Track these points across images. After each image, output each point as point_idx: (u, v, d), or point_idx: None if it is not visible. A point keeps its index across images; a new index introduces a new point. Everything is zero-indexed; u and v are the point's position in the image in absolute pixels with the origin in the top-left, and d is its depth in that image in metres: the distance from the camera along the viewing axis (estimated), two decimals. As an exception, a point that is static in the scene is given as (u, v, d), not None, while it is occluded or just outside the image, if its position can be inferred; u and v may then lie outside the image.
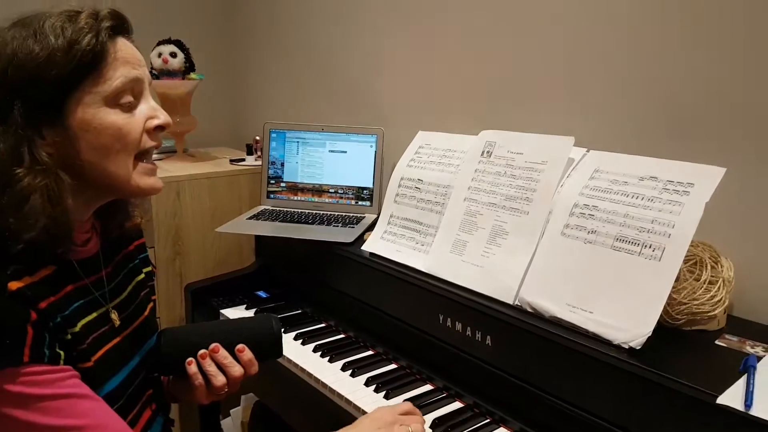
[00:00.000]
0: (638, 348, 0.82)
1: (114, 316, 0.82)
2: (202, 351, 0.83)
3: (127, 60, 0.72)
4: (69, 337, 0.70)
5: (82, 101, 0.69)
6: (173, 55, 1.78)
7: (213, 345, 0.83)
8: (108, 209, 0.84)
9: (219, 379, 0.82)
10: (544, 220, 1.01)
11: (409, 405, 0.90)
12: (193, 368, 0.82)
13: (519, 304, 0.99)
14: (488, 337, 1.00)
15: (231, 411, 1.73)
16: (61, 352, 0.68)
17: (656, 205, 0.88)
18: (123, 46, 0.72)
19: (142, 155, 0.76)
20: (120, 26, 0.73)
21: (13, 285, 0.64)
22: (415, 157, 1.32)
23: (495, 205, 1.10)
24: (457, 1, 1.41)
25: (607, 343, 0.85)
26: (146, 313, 0.91)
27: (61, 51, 0.66)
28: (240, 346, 0.84)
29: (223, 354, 0.83)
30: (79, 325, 0.73)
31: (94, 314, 0.77)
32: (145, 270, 0.95)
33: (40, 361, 0.64)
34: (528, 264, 1.00)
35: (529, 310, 0.97)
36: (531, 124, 1.27)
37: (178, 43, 1.81)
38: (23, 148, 0.66)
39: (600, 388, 0.84)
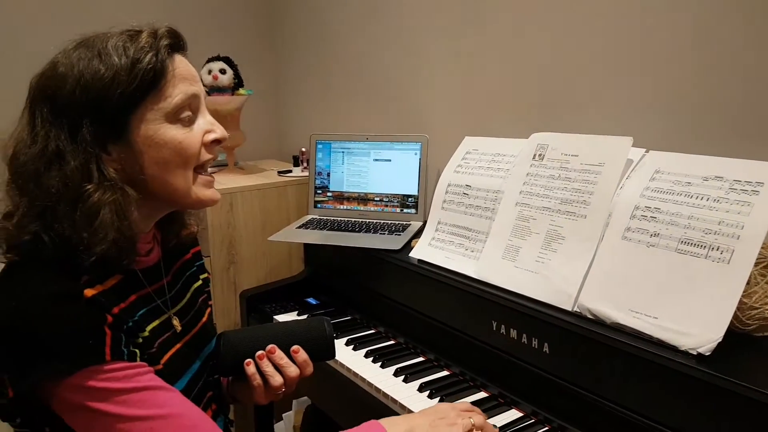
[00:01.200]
0: (707, 354, 0.79)
1: (176, 322, 0.85)
2: (259, 352, 0.85)
3: (184, 77, 0.74)
4: (140, 340, 0.73)
5: (144, 118, 0.71)
6: (223, 71, 1.84)
7: (269, 346, 0.86)
8: (165, 219, 0.87)
9: (276, 379, 0.85)
10: (602, 223, 0.98)
11: (468, 404, 0.89)
12: (251, 369, 0.85)
13: (578, 310, 0.96)
14: (545, 344, 0.98)
15: (283, 415, 1.76)
16: (137, 351, 0.71)
17: (723, 205, 0.85)
18: (180, 63, 0.75)
19: (199, 168, 0.78)
20: (177, 44, 0.75)
21: (89, 292, 0.67)
22: (462, 163, 1.31)
23: (549, 209, 1.08)
24: (503, 4, 1.40)
25: (673, 349, 0.82)
26: (204, 318, 0.93)
27: (124, 70, 0.68)
28: (295, 347, 0.87)
29: (279, 355, 0.85)
30: (147, 329, 0.76)
31: (158, 321, 0.80)
32: (201, 277, 0.98)
33: (120, 359, 0.67)
34: (587, 269, 0.97)
35: (589, 316, 0.94)
36: (582, 126, 1.25)
37: (227, 60, 1.87)
38: (92, 165, 0.69)
39: (666, 395, 0.81)
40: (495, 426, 0.94)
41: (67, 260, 0.68)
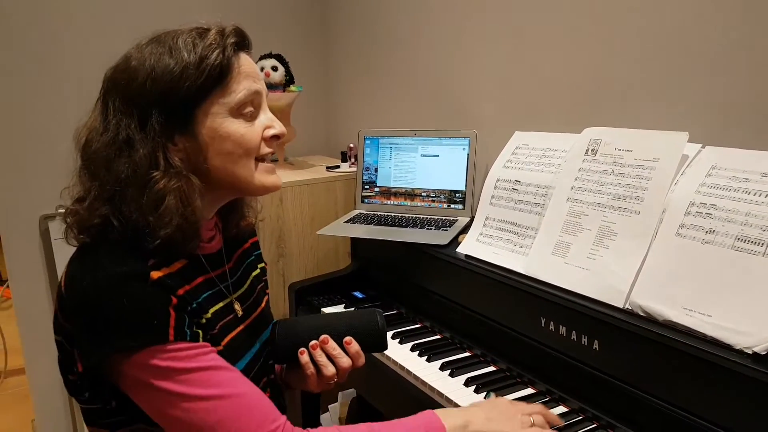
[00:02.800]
0: (763, 353, 0.77)
1: (237, 306, 0.88)
2: (313, 342, 0.88)
3: (249, 74, 0.78)
4: (203, 321, 0.77)
5: (209, 111, 0.75)
6: (275, 68, 1.89)
7: (323, 336, 0.88)
8: (226, 209, 0.90)
9: (329, 369, 0.87)
10: (656, 220, 0.97)
11: (532, 405, 0.89)
12: (305, 358, 0.87)
13: (630, 307, 0.95)
14: (595, 341, 0.97)
15: (329, 406, 1.79)
16: (200, 332, 0.75)
17: (784, 202, 0.82)
18: (245, 61, 0.78)
19: (260, 159, 0.81)
20: (242, 42, 0.79)
21: (155, 274, 0.71)
22: (512, 158, 1.31)
23: (602, 205, 1.06)
24: None
25: (727, 347, 0.80)
26: (263, 305, 0.97)
27: (192, 65, 0.72)
28: (348, 338, 0.88)
29: (332, 345, 0.87)
30: (211, 311, 0.80)
31: (221, 304, 0.84)
32: (259, 266, 1.02)
33: (183, 339, 0.71)
34: (640, 266, 0.96)
35: (641, 313, 0.93)
36: (637, 121, 1.22)
37: (279, 57, 1.91)
38: (159, 153, 0.73)
39: (719, 395, 0.79)
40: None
41: (135, 243, 0.72)
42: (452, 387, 1.09)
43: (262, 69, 1.88)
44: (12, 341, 2.69)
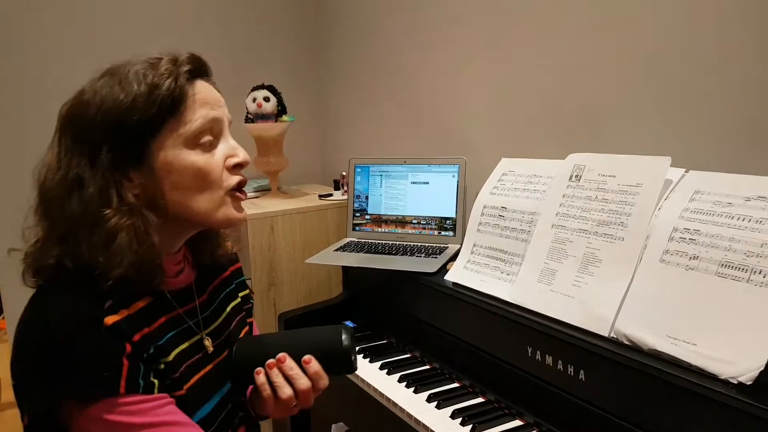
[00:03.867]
0: (749, 383, 0.74)
1: (207, 342, 0.84)
2: (269, 361, 0.80)
3: (205, 101, 0.75)
4: (162, 366, 0.73)
5: (164, 144, 0.72)
6: (266, 99, 1.90)
7: (280, 355, 0.80)
8: (197, 240, 0.87)
9: (285, 391, 0.79)
10: (640, 246, 0.95)
11: None
12: (261, 378, 0.80)
13: (615, 336, 0.93)
14: (581, 371, 0.95)
15: (320, 440, 1.75)
16: (156, 381, 0.71)
17: (766, 227, 0.80)
18: (201, 88, 0.75)
19: (237, 189, 0.78)
20: (198, 69, 0.76)
21: (110, 320, 0.68)
22: (498, 185, 1.30)
23: (586, 231, 1.05)
24: (537, 24, 1.39)
25: (712, 377, 0.78)
26: (241, 336, 0.94)
27: (142, 96, 0.70)
28: (306, 357, 0.80)
29: (289, 365, 0.79)
30: (173, 354, 0.76)
31: (188, 343, 0.80)
32: (241, 294, 0.97)
33: (135, 391, 0.67)
34: (624, 293, 0.94)
35: (626, 342, 0.91)
36: (621, 146, 1.22)
37: (271, 88, 1.93)
38: (111, 190, 0.70)
39: (705, 425, 0.77)
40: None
41: (90, 285, 0.69)
42: (438, 419, 1.06)
43: (254, 100, 1.90)
44: (7, 374, 2.67)
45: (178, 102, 0.72)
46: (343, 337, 0.82)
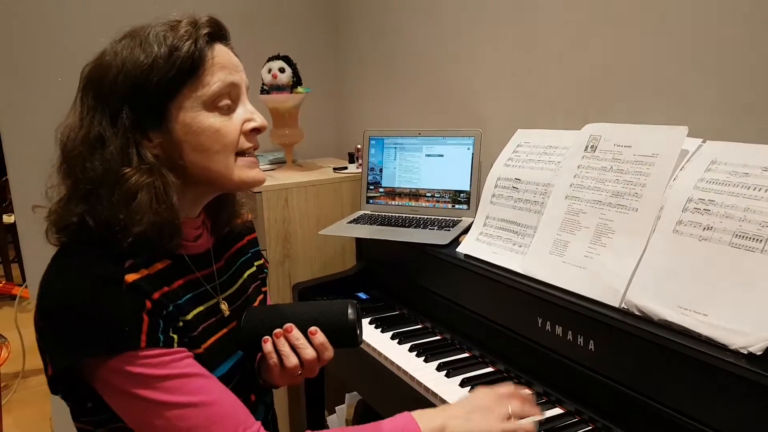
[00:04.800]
0: (759, 353, 0.73)
1: (224, 306, 0.86)
2: (276, 330, 0.82)
3: (224, 65, 0.75)
4: (181, 324, 0.76)
5: (182, 105, 0.73)
6: (282, 70, 1.90)
7: (287, 325, 0.82)
8: (215, 207, 0.89)
9: (291, 360, 0.81)
10: (654, 217, 0.94)
11: (509, 389, 0.84)
12: (268, 347, 0.82)
13: (625, 307, 0.92)
14: (591, 341, 0.95)
15: (336, 408, 1.79)
16: (175, 336, 0.74)
17: (783, 196, 0.79)
18: (220, 52, 0.76)
19: (240, 153, 0.79)
20: (217, 33, 0.77)
21: (130, 277, 0.70)
22: (513, 156, 1.29)
23: (600, 202, 1.04)
24: (557, -4, 1.36)
25: (722, 347, 0.77)
26: (255, 304, 0.96)
27: (162, 58, 0.71)
28: (312, 328, 0.82)
29: (296, 335, 0.82)
30: (192, 314, 0.78)
31: (205, 305, 0.82)
32: (256, 263, 1.00)
33: (156, 345, 0.70)
34: (636, 264, 0.93)
35: (637, 313, 0.90)
36: (639, 116, 1.19)
37: (286, 59, 1.92)
38: (131, 149, 0.72)
39: (714, 396, 0.76)
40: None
41: (111, 243, 0.71)
42: (447, 388, 1.07)
43: (269, 71, 1.89)
44: (32, 341, 2.76)
45: (197, 64, 0.73)
46: (349, 311, 0.84)
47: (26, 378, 2.78)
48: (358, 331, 0.85)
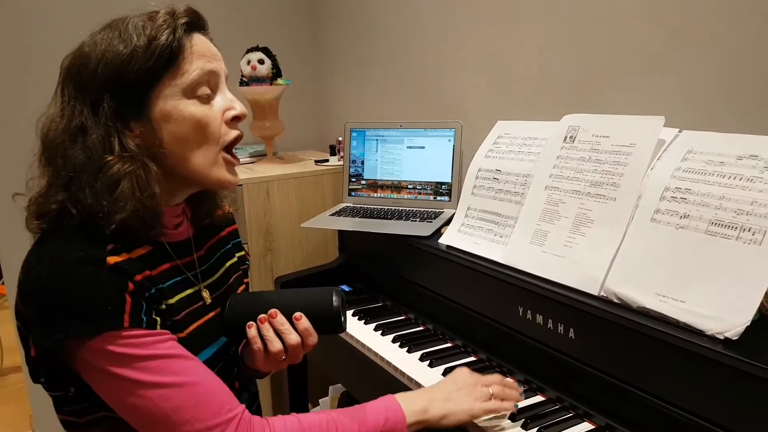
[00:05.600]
0: (735, 339, 0.75)
1: (205, 294, 0.87)
2: (261, 315, 0.84)
3: (202, 54, 0.76)
4: (164, 307, 0.76)
5: (162, 94, 0.74)
6: (261, 61, 1.88)
7: (271, 310, 0.83)
8: (197, 198, 0.89)
9: (275, 345, 0.82)
10: (632, 206, 0.95)
11: (491, 376, 0.88)
12: (252, 332, 0.83)
13: (605, 294, 0.94)
14: (571, 329, 0.96)
15: (320, 400, 1.79)
16: (158, 319, 0.74)
17: (756, 185, 0.80)
18: (198, 41, 0.77)
19: (227, 148, 0.80)
20: (195, 23, 0.78)
21: (112, 259, 0.70)
22: (494, 147, 1.29)
23: (579, 192, 1.05)
24: (537, -13, 1.37)
25: (699, 333, 0.79)
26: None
27: (141, 48, 0.71)
28: (297, 314, 0.83)
29: (280, 320, 0.83)
30: (175, 298, 0.79)
31: (188, 291, 0.83)
32: (237, 254, 1.00)
33: (138, 326, 0.70)
34: (615, 253, 0.95)
35: (616, 300, 0.92)
36: (616, 106, 1.21)
37: (266, 51, 1.90)
38: (113, 138, 0.72)
39: (692, 381, 0.78)
40: (516, 405, 0.93)
41: (92, 229, 0.71)
42: (430, 377, 1.08)
43: (248, 62, 1.87)
44: (9, 339, 2.71)
45: (176, 53, 0.74)
46: (334, 297, 0.85)
47: (4, 376, 2.74)
48: (343, 318, 0.86)
